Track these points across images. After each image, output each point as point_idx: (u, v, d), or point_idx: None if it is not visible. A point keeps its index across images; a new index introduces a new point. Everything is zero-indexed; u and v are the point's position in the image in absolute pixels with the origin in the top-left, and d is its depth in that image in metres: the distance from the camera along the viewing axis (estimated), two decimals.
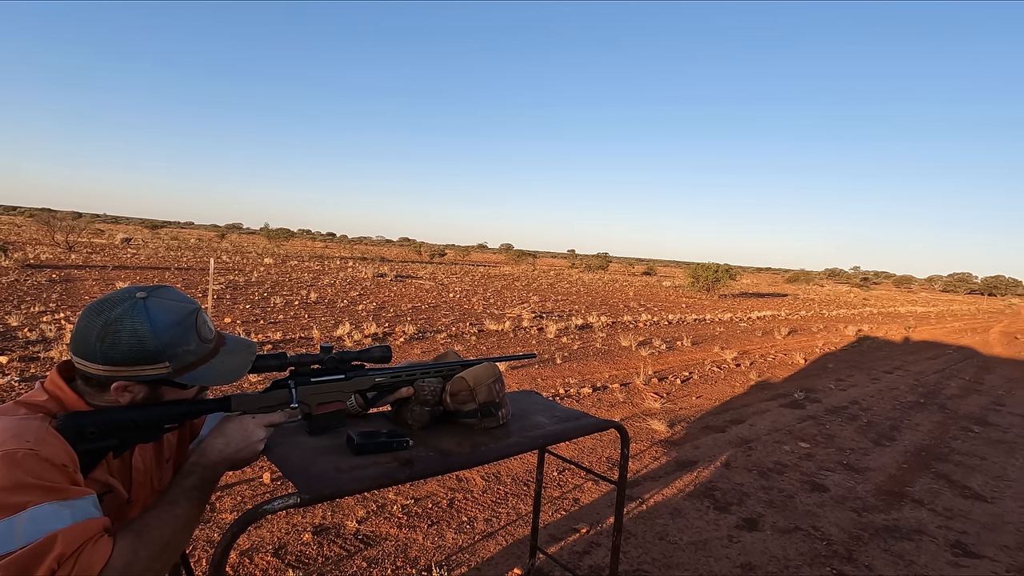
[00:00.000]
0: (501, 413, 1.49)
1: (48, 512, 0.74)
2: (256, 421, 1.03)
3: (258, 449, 1.02)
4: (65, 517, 0.75)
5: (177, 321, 0.92)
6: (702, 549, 2.81)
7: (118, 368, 0.87)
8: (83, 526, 0.76)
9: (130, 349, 0.87)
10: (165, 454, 1.07)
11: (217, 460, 0.97)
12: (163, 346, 0.89)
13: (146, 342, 0.88)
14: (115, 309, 0.88)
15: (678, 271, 58.01)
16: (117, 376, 0.88)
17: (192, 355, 0.94)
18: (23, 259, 13.38)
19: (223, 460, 0.97)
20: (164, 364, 0.90)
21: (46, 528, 0.73)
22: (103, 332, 0.87)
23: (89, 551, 0.75)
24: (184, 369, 0.93)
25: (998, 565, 2.88)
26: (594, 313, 12.80)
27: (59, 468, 0.78)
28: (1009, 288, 67.27)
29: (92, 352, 0.87)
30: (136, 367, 0.88)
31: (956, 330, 16.94)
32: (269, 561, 2.39)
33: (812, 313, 18.80)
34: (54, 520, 0.74)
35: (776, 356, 9.01)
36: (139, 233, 44.19)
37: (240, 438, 1.00)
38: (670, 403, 5.54)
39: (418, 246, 44.14)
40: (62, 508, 0.75)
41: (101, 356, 0.87)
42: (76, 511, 0.77)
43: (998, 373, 9.22)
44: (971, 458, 4.60)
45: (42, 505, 0.74)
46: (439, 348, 7.34)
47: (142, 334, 0.88)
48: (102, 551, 0.76)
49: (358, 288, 14.26)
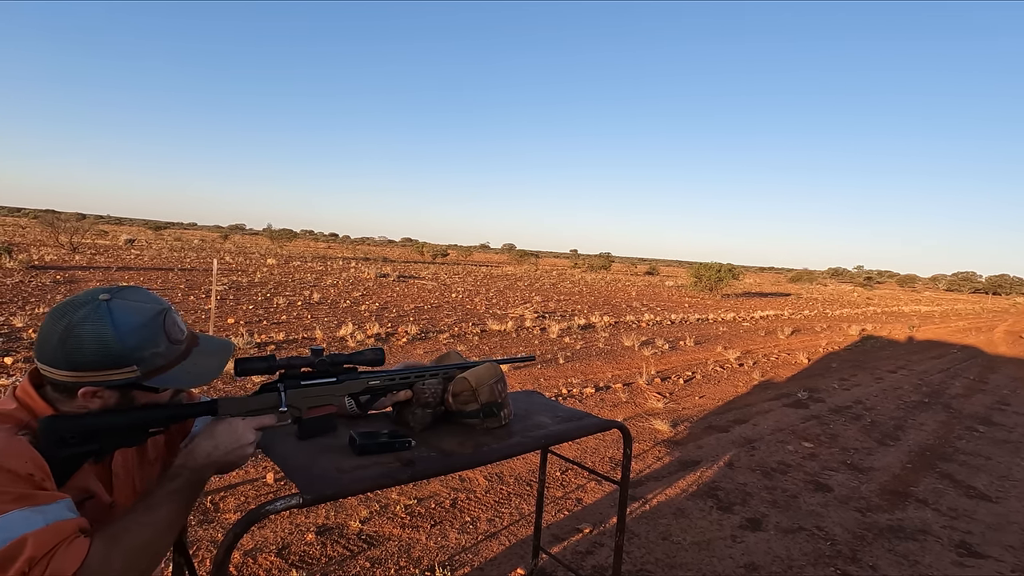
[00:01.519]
0: (504, 413, 1.48)
1: (18, 518, 0.73)
2: (246, 423, 0.99)
3: (247, 452, 0.98)
4: (37, 521, 0.73)
5: (143, 323, 0.88)
6: (705, 549, 2.80)
7: (83, 374, 0.84)
8: (55, 528, 0.74)
9: (93, 354, 0.83)
10: (150, 455, 1.05)
11: (204, 463, 0.93)
12: (129, 350, 0.86)
13: (110, 346, 0.84)
14: (77, 312, 0.85)
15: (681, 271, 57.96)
16: (83, 382, 0.85)
17: (162, 358, 0.90)
18: (27, 260, 13.44)
19: (211, 463, 0.94)
20: (131, 368, 0.86)
21: (15, 532, 0.71)
22: (65, 336, 0.83)
23: (62, 553, 0.73)
24: (153, 372, 0.89)
25: (1003, 565, 2.87)
26: (597, 313, 12.79)
27: (24, 478, 0.76)
28: (1014, 287, 66.97)
29: (55, 358, 0.84)
30: (102, 372, 0.85)
31: (960, 329, 16.87)
32: (272, 561, 2.39)
33: (815, 312, 18.75)
34: (24, 524, 0.72)
35: (779, 356, 8.99)
36: (143, 234, 44.35)
37: (229, 441, 0.96)
38: (673, 403, 5.53)
39: (420, 246, 44.22)
40: (33, 513, 0.74)
41: (65, 362, 0.83)
42: (48, 515, 0.75)
43: (1003, 372, 9.17)
44: (976, 458, 4.58)
45: (11, 512, 0.72)
46: (442, 348, 7.35)
47: (106, 338, 0.84)
48: (76, 552, 0.74)
49: (361, 288, 14.28)
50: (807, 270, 66.48)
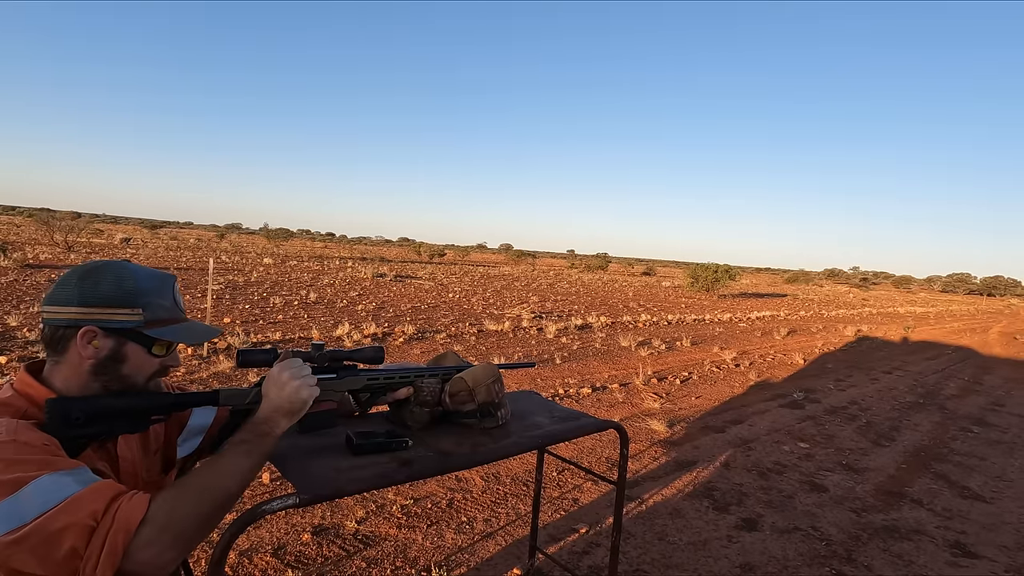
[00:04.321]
0: (500, 413, 1.48)
1: (49, 483, 0.73)
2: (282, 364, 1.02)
3: (296, 384, 0.99)
4: (70, 484, 0.74)
5: (158, 276, 0.98)
6: (701, 549, 2.81)
7: (91, 310, 0.88)
8: (99, 486, 0.75)
9: (109, 288, 0.89)
10: (152, 446, 1.06)
11: (266, 415, 0.96)
12: (141, 291, 0.92)
13: (126, 283, 0.91)
14: (102, 262, 0.93)
15: (677, 271, 58.03)
16: (88, 319, 0.88)
17: (165, 311, 0.96)
18: (22, 259, 13.37)
19: (273, 410, 0.97)
20: (137, 310, 0.91)
21: (57, 497, 0.72)
22: (85, 274, 0.90)
23: (126, 504, 0.74)
24: (155, 323, 0.94)
25: (997, 565, 2.89)
26: (593, 313, 12.80)
27: (41, 447, 0.78)
28: (1008, 288, 67.32)
29: (69, 295, 0.88)
30: (110, 309, 0.89)
31: (955, 330, 16.95)
32: (268, 561, 2.39)
33: (811, 313, 18.81)
34: (62, 488, 0.73)
35: (775, 356, 9.01)
36: (138, 233, 44.18)
37: (277, 382, 0.99)
38: (669, 403, 5.54)
39: (417, 246, 44.16)
40: (63, 476, 0.74)
41: (78, 297, 0.88)
42: (80, 477, 0.76)
43: (997, 373, 9.22)
44: (970, 458, 4.60)
45: (42, 478, 0.73)
46: (439, 348, 7.34)
47: (123, 276, 0.92)
48: (139, 504, 0.75)
49: (357, 288, 14.26)
50: (803, 271, 66.66)
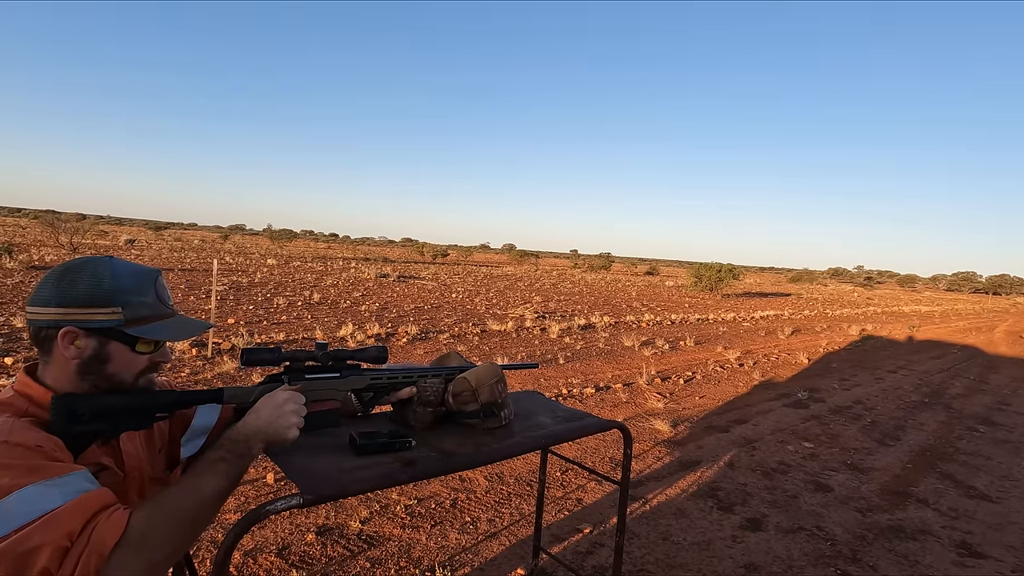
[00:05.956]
0: (504, 413, 1.48)
1: (34, 494, 0.72)
2: (288, 394, 1.02)
3: (291, 421, 0.99)
4: (54, 497, 0.73)
5: (137, 272, 0.95)
6: (705, 549, 2.80)
7: (70, 310, 0.87)
8: (81, 501, 0.74)
9: (86, 289, 0.88)
10: (156, 443, 1.06)
11: (248, 432, 0.95)
12: (119, 289, 0.90)
13: (103, 282, 0.89)
14: (81, 260, 0.92)
15: (681, 271, 57.93)
16: (67, 319, 0.87)
17: (147, 308, 0.94)
18: (28, 261, 13.45)
19: (255, 432, 0.95)
20: (116, 309, 0.90)
21: (38, 509, 0.71)
22: (63, 273, 0.89)
23: (103, 524, 0.73)
24: (136, 321, 0.92)
25: (1003, 565, 2.87)
26: (597, 313, 12.79)
27: (32, 449, 0.76)
28: (1014, 287, 66.93)
29: (48, 296, 0.88)
30: (88, 309, 0.88)
31: (960, 329, 16.86)
32: (273, 561, 2.39)
33: (816, 313, 18.74)
34: (45, 501, 0.72)
35: (779, 356, 8.99)
36: (143, 235, 44.35)
37: (270, 406, 0.98)
38: (673, 403, 5.53)
39: (421, 246, 44.24)
40: (48, 488, 0.73)
41: (57, 298, 0.87)
42: (66, 488, 0.74)
43: (1003, 372, 9.17)
44: (976, 458, 4.57)
45: (27, 488, 0.72)
46: (442, 348, 7.35)
47: (101, 275, 0.90)
48: (116, 523, 0.74)
49: (361, 289, 14.28)
50: (807, 270, 66.45)
